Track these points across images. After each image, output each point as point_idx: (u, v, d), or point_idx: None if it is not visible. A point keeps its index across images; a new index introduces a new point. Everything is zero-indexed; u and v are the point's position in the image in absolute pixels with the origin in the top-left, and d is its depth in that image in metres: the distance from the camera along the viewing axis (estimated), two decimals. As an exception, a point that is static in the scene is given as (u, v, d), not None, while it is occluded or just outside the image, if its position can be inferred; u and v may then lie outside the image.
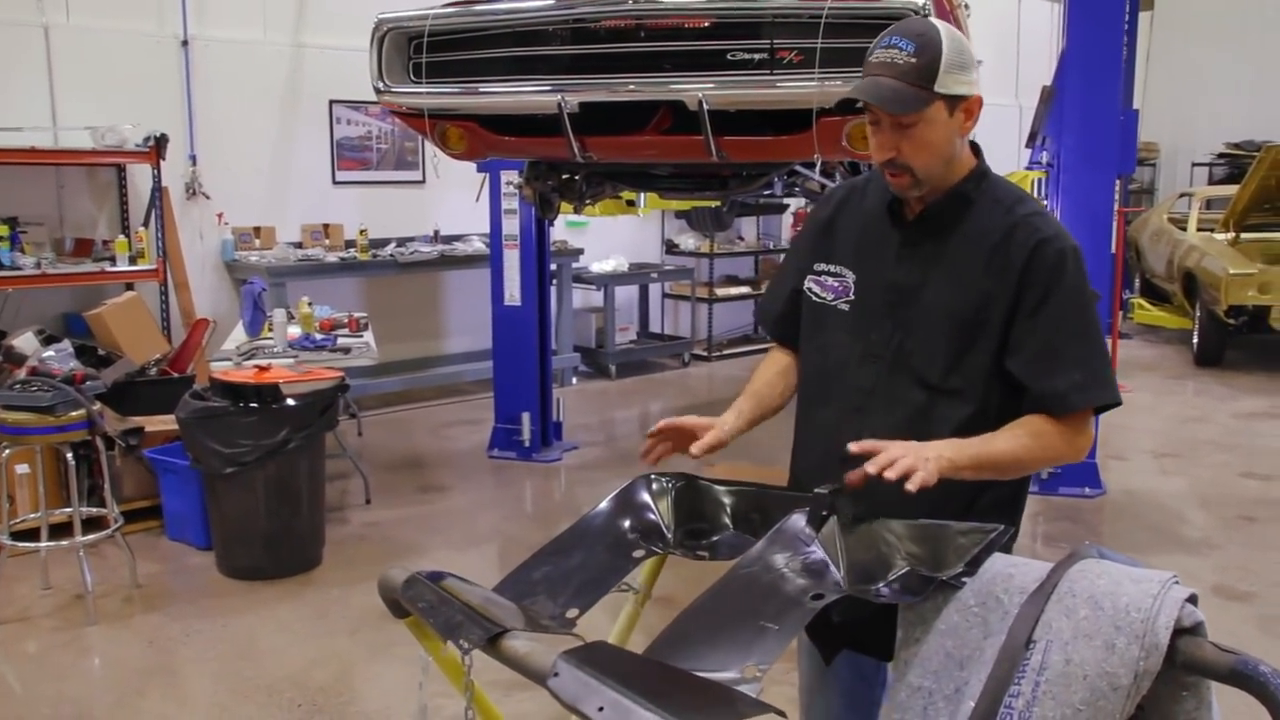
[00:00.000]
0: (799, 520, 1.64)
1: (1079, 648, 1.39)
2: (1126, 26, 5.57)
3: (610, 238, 8.90)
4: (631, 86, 3.77)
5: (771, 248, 10.11)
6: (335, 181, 7.51)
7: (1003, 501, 1.89)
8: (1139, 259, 10.87)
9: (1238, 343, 9.20)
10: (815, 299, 2.01)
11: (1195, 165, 13.28)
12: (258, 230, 7.06)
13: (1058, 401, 1.80)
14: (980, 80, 1.85)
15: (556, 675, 1.29)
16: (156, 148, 6.14)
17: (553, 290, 6.78)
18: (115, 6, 6.42)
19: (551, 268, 6.65)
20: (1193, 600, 1.39)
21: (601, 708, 1.22)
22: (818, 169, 4.33)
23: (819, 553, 1.60)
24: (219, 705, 3.48)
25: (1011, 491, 1.92)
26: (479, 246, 7.51)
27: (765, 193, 5.27)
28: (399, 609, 1.63)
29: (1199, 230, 9.64)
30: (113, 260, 6.08)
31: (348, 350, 5.46)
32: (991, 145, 1.97)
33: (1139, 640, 1.35)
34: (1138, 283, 11.01)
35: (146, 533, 4.90)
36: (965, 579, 1.54)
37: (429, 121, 4.12)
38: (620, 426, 7.56)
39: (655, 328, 9.67)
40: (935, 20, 1.86)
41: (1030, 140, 7.91)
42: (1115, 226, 5.85)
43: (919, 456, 1.65)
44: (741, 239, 10.12)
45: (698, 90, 3.64)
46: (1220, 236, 9.35)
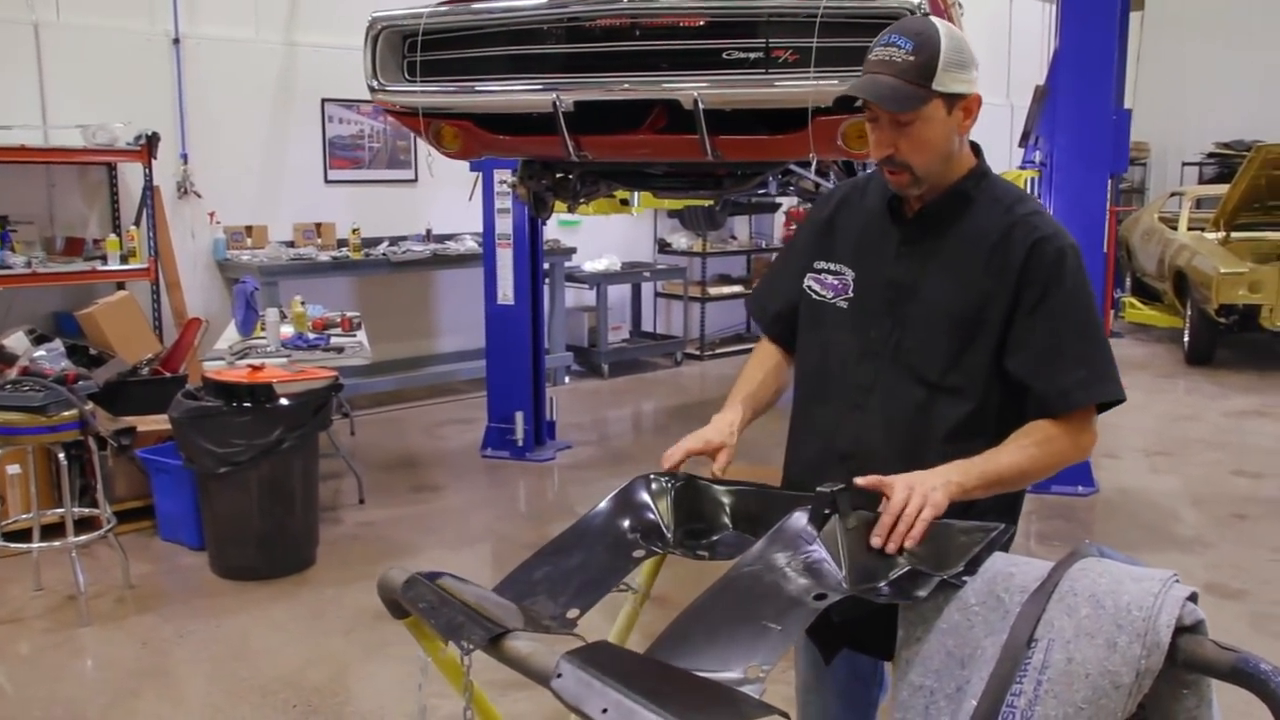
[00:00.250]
0: (800, 519, 1.63)
1: (1081, 646, 1.39)
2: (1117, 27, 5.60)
3: (603, 237, 8.89)
4: (626, 85, 3.77)
5: (764, 247, 10.11)
6: (327, 180, 7.49)
7: (1002, 500, 1.88)
8: (1130, 258, 10.89)
9: (1228, 341, 9.24)
10: (814, 297, 2.00)
11: (1185, 164, 13.34)
12: (249, 229, 7.04)
13: (1061, 399, 1.80)
14: (979, 79, 1.85)
15: (559, 676, 1.29)
16: (148, 146, 6.11)
17: (545, 289, 6.77)
18: (106, 4, 6.39)
19: (544, 267, 6.64)
20: (1193, 598, 1.39)
21: (605, 709, 1.21)
22: (813, 168, 4.34)
23: (820, 552, 1.60)
24: (213, 706, 3.47)
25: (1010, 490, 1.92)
26: (471, 245, 7.50)
27: (759, 192, 5.27)
28: (398, 609, 1.62)
29: (1190, 229, 9.67)
30: (104, 259, 6.06)
31: (341, 350, 5.44)
32: (984, 144, 1.97)
33: (1140, 639, 1.35)
34: (1129, 281, 11.04)
35: (139, 533, 4.87)
36: (966, 578, 1.54)
37: (423, 120, 4.12)
38: (613, 426, 7.55)
39: (648, 327, 9.67)
40: (935, 19, 1.86)
41: (1023, 139, 7.93)
42: (1106, 226, 5.87)
43: (927, 489, 1.64)
44: (734, 238, 10.12)
45: (693, 89, 3.64)
46: (1211, 236, 9.38)
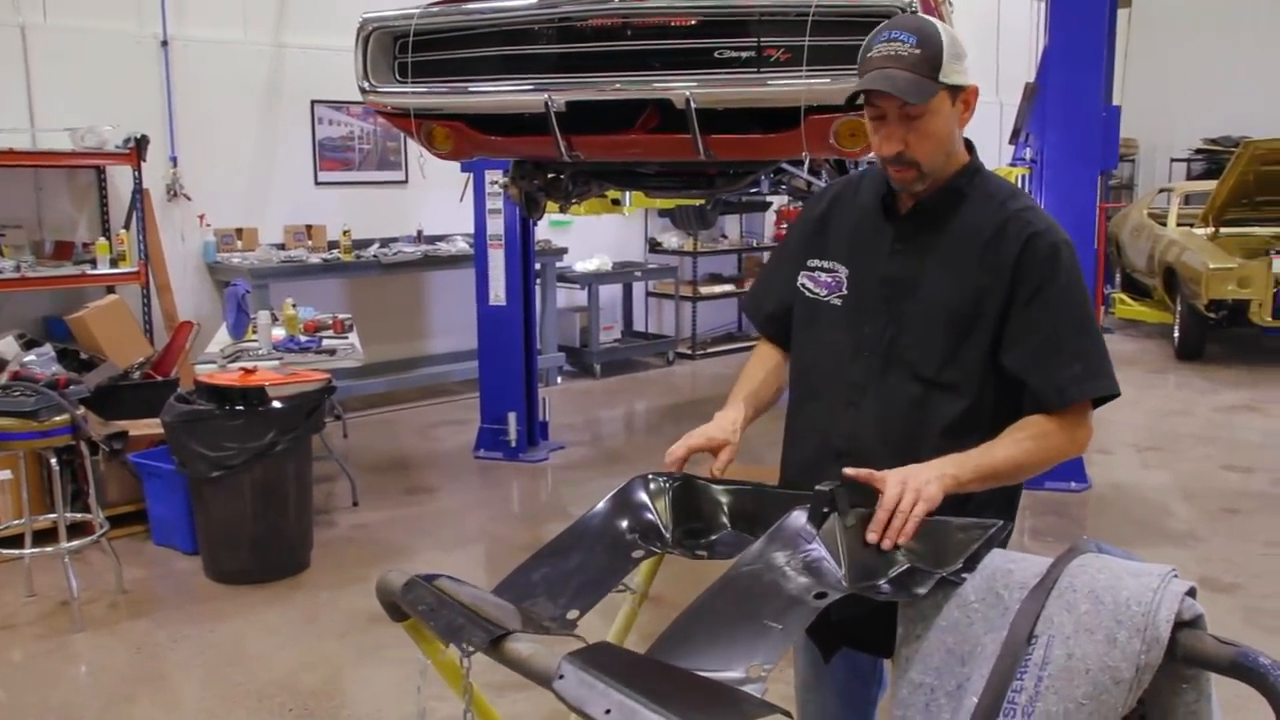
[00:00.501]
0: (799, 518, 1.63)
1: (1081, 642, 1.39)
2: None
3: (594, 237, 8.88)
4: (618, 85, 3.76)
5: (755, 245, 10.11)
6: (318, 182, 7.47)
7: (999, 496, 1.89)
8: (1119, 254, 10.93)
9: (1218, 336, 9.27)
10: (809, 295, 2.00)
11: (1174, 161, 13.40)
12: (240, 232, 7.02)
13: (1057, 394, 1.80)
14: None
15: (561, 678, 1.28)
16: (137, 149, 6.09)
17: (536, 290, 6.77)
18: (93, 6, 6.36)
19: (535, 267, 6.64)
20: (1192, 593, 1.40)
21: (608, 710, 1.21)
22: (805, 167, 4.34)
23: (820, 550, 1.60)
24: (208, 711, 3.46)
25: (1006, 486, 1.92)
26: (462, 246, 7.49)
27: (750, 191, 5.28)
28: (397, 612, 1.61)
29: (1179, 225, 9.71)
30: (93, 263, 6.03)
31: (333, 352, 5.42)
32: (974, 141, 1.97)
33: (1140, 634, 1.36)
34: (1118, 278, 11.08)
35: (132, 538, 4.86)
36: (965, 575, 1.54)
37: (415, 121, 4.11)
38: (606, 426, 7.54)
39: (639, 326, 9.66)
40: (925, 15, 1.87)
41: (1014, 136, 7.97)
42: (1097, 222, 5.89)
43: (921, 483, 1.64)
44: (725, 237, 10.12)
45: (685, 89, 3.64)
46: (1200, 231, 9.42)
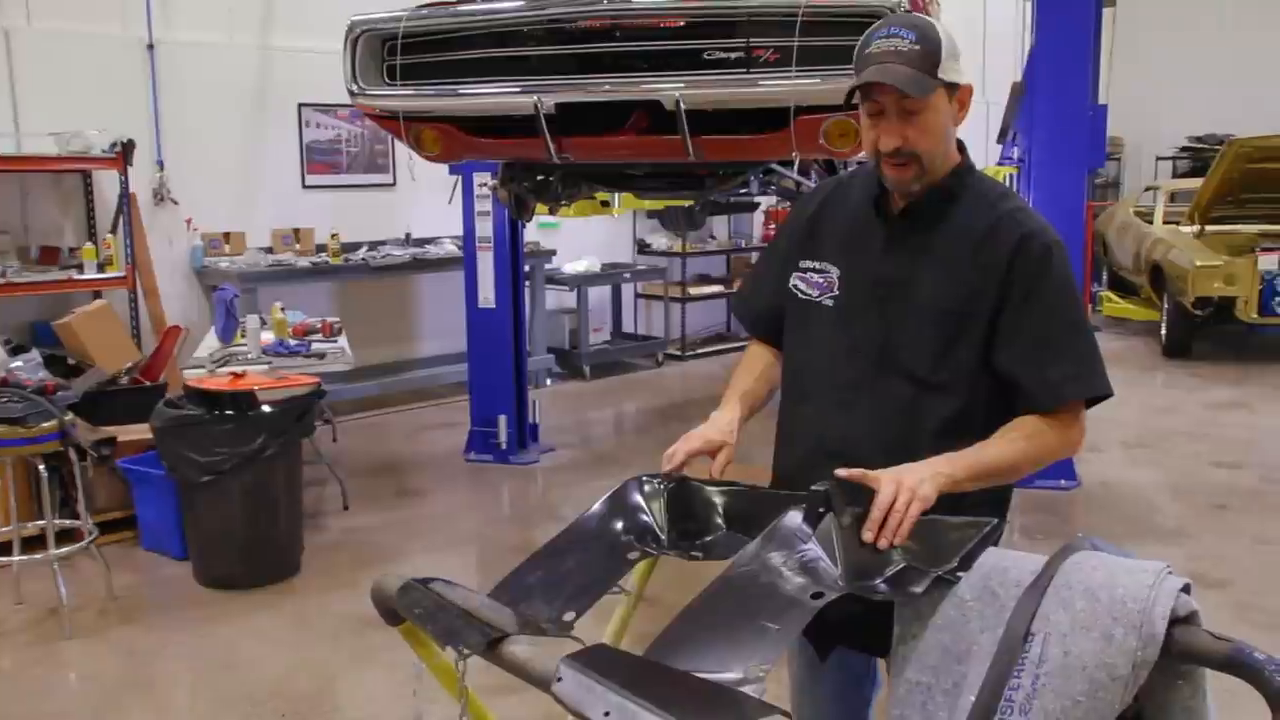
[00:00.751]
0: (795, 518, 1.63)
1: (1077, 639, 1.40)
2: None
3: (582, 238, 8.87)
4: (608, 87, 3.76)
5: (744, 246, 10.13)
6: (305, 185, 7.45)
7: (991, 495, 1.89)
8: (1106, 252, 10.98)
9: (1205, 334, 9.31)
10: (800, 296, 2.00)
11: (1159, 159, 13.47)
12: (227, 236, 6.99)
13: (1050, 393, 1.81)
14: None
15: (560, 680, 1.28)
16: (123, 153, 6.05)
17: (526, 292, 6.76)
18: (78, 10, 6.32)
19: (524, 269, 6.63)
20: (1186, 590, 1.40)
21: (607, 712, 1.21)
22: (795, 167, 4.34)
23: (816, 550, 1.60)
24: (200, 718, 3.45)
25: (998, 485, 1.92)
26: (451, 249, 7.48)
27: (740, 191, 5.28)
28: (393, 616, 1.60)
29: (1165, 223, 9.76)
30: (80, 268, 6.00)
31: (322, 356, 5.40)
32: (964, 142, 1.97)
33: (1136, 631, 1.36)
34: (1105, 276, 11.12)
35: (121, 544, 4.82)
36: (961, 574, 1.55)
37: (404, 124, 4.10)
38: (596, 428, 7.54)
39: (628, 328, 9.66)
40: (918, 14, 1.87)
41: (1001, 136, 7.99)
42: (1085, 220, 5.92)
43: (916, 482, 1.64)
44: (713, 238, 10.14)
45: (674, 90, 3.64)
46: (1186, 229, 9.47)
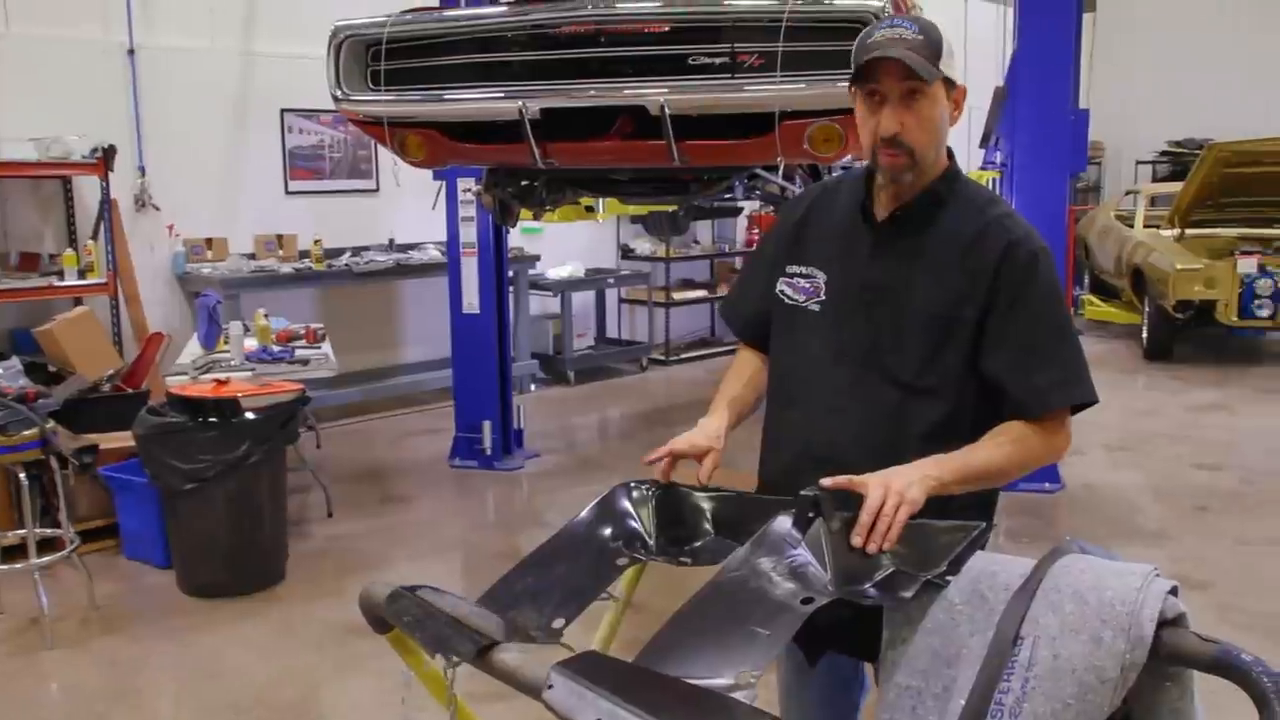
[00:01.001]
0: (784, 523, 1.63)
1: (1066, 643, 1.40)
2: (1071, 28, 5.69)
3: (566, 243, 8.86)
4: (592, 92, 3.76)
5: (727, 251, 10.14)
6: (288, 191, 7.42)
7: (977, 500, 1.90)
8: (1087, 256, 11.04)
9: (1186, 337, 9.37)
10: (787, 301, 2.00)
11: (1139, 163, 13.56)
12: (209, 242, 6.94)
13: (1037, 400, 1.82)
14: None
15: (551, 687, 1.28)
16: (104, 159, 6.02)
17: (509, 297, 6.75)
18: (58, 15, 6.27)
19: (508, 274, 6.62)
20: (1174, 592, 1.41)
21: (599, 719, 1.21)
22: (780, 172, 4.35)
23: (805, 555, 1.60)
24: (184, 727, 3.42)
25: (985, 489, 1.93)
26: (434, 255, 7.46)
27: (724, 196, 5.29)
28: (381, 624, 1.60)
29: (1145, 227, 9.83)
30: (61, 274, 5.95)
31: (306, 362, 5.38)
32: (951, 148, 1.98)
33: (1125, 633, 1.36)
34: (1087, 279, 11.19)
35: (103, 553, 4.78)
36: (950, 577, 1.55)
37: (388, 129, 4.09)
38: (580, 433, 7.52)
39: (612, 333, 9.65)
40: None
41: (984, 140, 8.04)
42: (1067, 225, 5.95)
43: (904, 485, 1.64)
44: (697, 243, 10.14)
45: (659, 95, 3.65)
46: (1167, 233, 9.53)
